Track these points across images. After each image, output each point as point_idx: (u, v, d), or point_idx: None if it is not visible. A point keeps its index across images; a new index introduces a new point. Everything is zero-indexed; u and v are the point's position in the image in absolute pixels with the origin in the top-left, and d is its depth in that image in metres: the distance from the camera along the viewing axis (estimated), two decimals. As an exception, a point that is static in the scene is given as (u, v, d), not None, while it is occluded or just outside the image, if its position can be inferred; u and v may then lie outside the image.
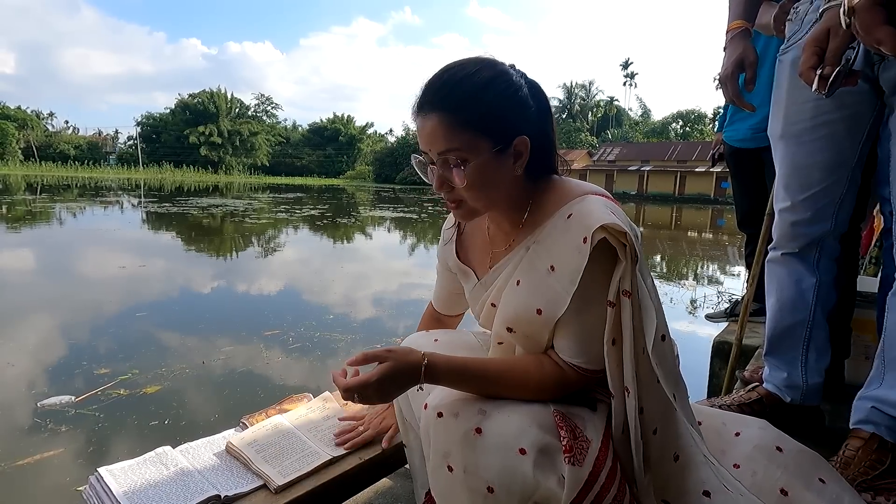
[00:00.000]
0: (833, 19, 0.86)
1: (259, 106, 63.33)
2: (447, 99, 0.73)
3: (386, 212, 15.26)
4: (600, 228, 0.69)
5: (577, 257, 0.71)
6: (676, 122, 55.73)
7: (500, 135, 0.74)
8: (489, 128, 0.74)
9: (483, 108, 0.73)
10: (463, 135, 0.73)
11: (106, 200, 16.22)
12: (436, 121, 0.73)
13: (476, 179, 0.75)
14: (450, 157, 0.74)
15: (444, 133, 0.73)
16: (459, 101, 0.73)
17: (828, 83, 0.87)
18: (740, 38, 1.18)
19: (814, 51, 0.89)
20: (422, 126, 0.75)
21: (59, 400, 2.42)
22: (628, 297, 0.71)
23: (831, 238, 1.21)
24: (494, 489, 0.68)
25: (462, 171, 0.73)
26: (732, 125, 2.36)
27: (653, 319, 0.71)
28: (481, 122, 0.73)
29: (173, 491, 0.85)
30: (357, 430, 1.05)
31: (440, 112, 0.73)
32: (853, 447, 1.03)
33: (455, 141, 0.73)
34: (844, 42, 0.86)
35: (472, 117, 0.73)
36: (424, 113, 0.74)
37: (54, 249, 6.94)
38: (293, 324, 3.75)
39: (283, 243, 8.40)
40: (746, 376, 1.54)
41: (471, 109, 0.72)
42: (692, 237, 12.03)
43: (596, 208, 0.73)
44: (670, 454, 0.77)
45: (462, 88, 0.73)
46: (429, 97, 0.74)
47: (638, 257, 0.71)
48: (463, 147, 0.73)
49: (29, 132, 53.30)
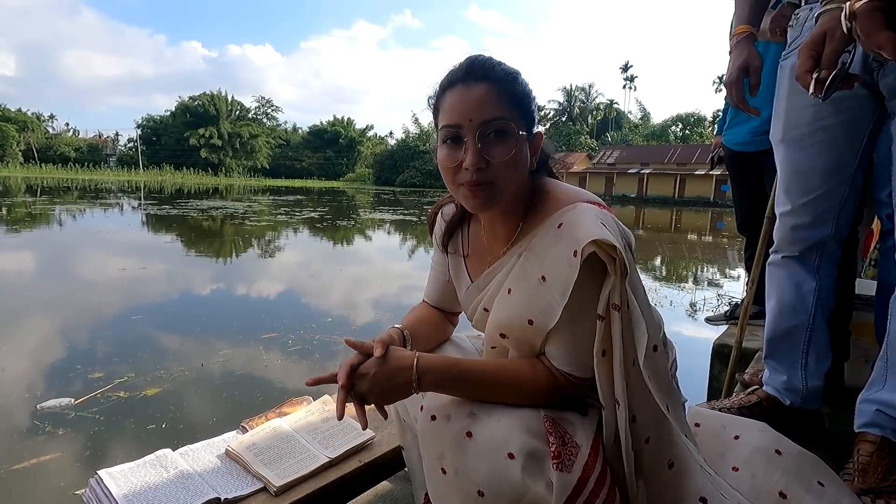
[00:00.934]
0: (829, 23, 0.87)
1: (259, 108, 63.50)
2: (493, 71, 0.75)
3: (386, 214, 15.27)
4: (590, 243, 0.69)
5: (567, 270, 0.71)
6: (676, 124, 55.79)
7: (530, 121, 0.77)
8: (525, 110, 0.77)
9: (521, 89, 0.76)
10: (508, 107, 0.75)
11: (106, 203, 16.23)
12: (486, 88, 0.73)
13: (514, 156, 0.74)
14: (500, 124, 0.73)
15: (495, 100, 0.73)
16: (505, 76, 0.75)
17: (824, 87, 0.87)
18: (745, 43, 1.18)
19: (810, 54, 0.89)
20: (464, 96, 0.74)
21: (59, 402, 2.42)
22: (618, 310, 0.71)
23: (832, 242, 1.22)
24: (484, 493, 0.68)
25: (508, 142, 0.74)
26: (732, 128, 2.36)
27: (644, 332, 0.70)
28: (521, 101, 0.76)
29: (173, 493, 0.85)
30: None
31: (490, 81, 0.74)
32: (866, 452, 1.03)
33: (505, 110, 0.74)
34: (841, 46, 0.86)
35: (516, 93, 0.76)
36: (470, 82, 0.74)
37: (53, 252, 6.94)
38: (292, 327, 3.75)
39: (283, 246, 8.40)
40: (746, 379, 1.54)
41: (514, 85, 0.76)
42: (692, 240, 12.03)
43: (586, 220, 0.72)
44: (665, 462, 0.77)
45: (504, 67, 0.76)
46: (477, 67, 0.75)
47: (628, 272, 0.70)
48: (509, 118, 0.74)
49: (29, 134, 53.39)
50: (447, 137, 0.76)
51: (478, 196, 0.75)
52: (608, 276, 0.71)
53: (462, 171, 0.74)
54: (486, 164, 0.73)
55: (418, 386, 0.74)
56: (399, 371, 0.74)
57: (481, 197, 0.75)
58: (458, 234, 0.95)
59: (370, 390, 0.73)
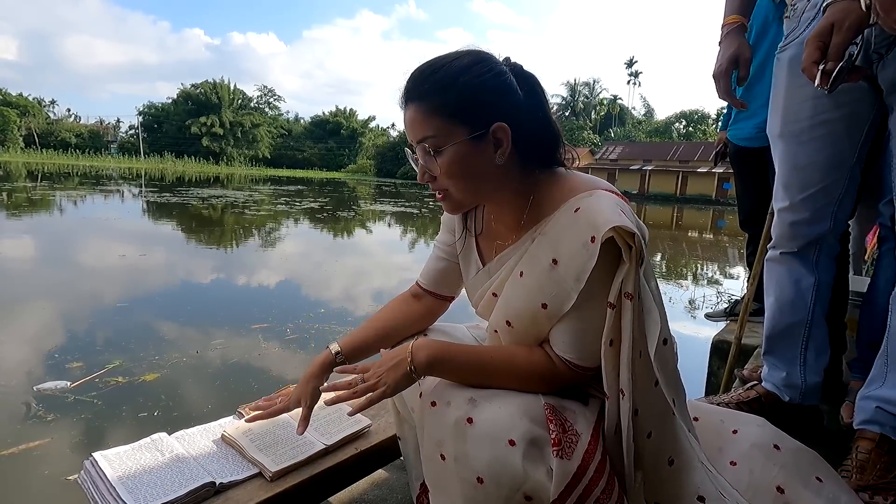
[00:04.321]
0: (837, 14, 0.85)
1: (261, 98, 63.15)
2: (422, 88, 0.74)
3: (387, 206, 15.24)
4: (610, 230, 0.68)
5: (583, 255, 0.70)
6: (679, 121, 55.60)
7: (475, 121, 0.73)
8: (463, 113, 0.73)
9: (456, 94, 0.73)
10: (435, 121, 0.73)
11: (106, 189, 16.19)
12: (413, 110, 0.75)
13: (453, 167, 0.75)
14: (425, 144, 0.75)
15: (420, 121, 0.74)
16: (433, 89, 0.73)
17: (830, 78, 0.86)
18: (735, 34, 1.16)
19: (817, 45, 0.88)
20: (404, 118, 0.77)
21: (56, 384, 2.42)
22: (630, 299, 0.69)
23: (831, 237, 1.20)
24: (484, 479, 0.68)
25: (437, 158, 0.74)
26: (737, 124, 2.34)
27: (657, 322, 0.69)
28: (455, 107, 0.73)
29: (168, 477, 0.85)
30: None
31: (416, 101, 0.75)
32: (864, 449, 1.02)
33: (429, 128, 0.74)
34: (848, 37, 0.85)
35: (445, 103, 0.73)
36: (404, 105, 0.76)
37: (52, 237, 6.93)
38: (292, 316, 3.75)
39: (283, 236, 8.39)
40: (745, 375, 1.54)
41: (444, 95, 0.73)
42: (693, 237, 12.01)
43: (606, 206, 0.71)
44: (665, 458, 0.76)
45: (437, 77, 0.74)
46: (407, 88, 0.76)
47: (643, 259, 0.70)
48: (436, 134, 0.74)
49: (30, 119, 53.17)
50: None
51: (444, 203, 0.80)
52: (622, 264, 0.70)
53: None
54: (433, 178, 0.77)
55: (413, 365, 0.75)
56: (396, 354, 0.78)
57: (445, 204, 0.81)
58: (472, 215, 0.93)
59: (381, 382, 0.77)
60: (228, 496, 0.85)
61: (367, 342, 0.96)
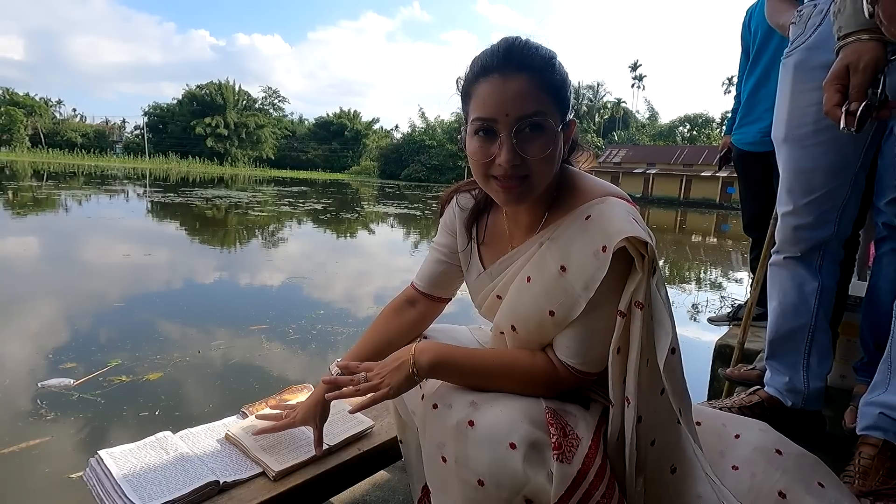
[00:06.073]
0: (851, 56, 0.85)
1: (266, 99, 63.53)
2: (533, 59, 0.69)
3: (390, 208, 15.25)
4: (622, 240, 0.67)
5: (593, 264, 0.69)
6: (683, 125, 55.50)
7: (565, 110, 0.72)
8: (561, 99, 0.71)
9: (559, 76, 0.71)
10: (546, 98, 0.70)
11: (111, 189, 16.26)
12: (524, 80, 0.68)
13: (551, 150, 0.70)
14: (537, 120, 0.68)
15: (533, 93, 0.68)
16: (545, 64, 0.70)
17: (856, 118, 0.85)
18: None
19: (836, 88, 0.87)
20: (501, 88, 0.68)
21: (60, 381, 2.44)
22: (640, 308, 0.69)
23: (835, 242, 1.20)
24: (484, 482, 0.68)
25: (545, 137, 0.69)
26: (741, 128, 2.34)
27: (667, 333, 0.69)
28: (558, 89, 0.71)
29: (173, 475, 0.85)
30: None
31: (529, 72, 0.68)
32: (867, 455, 1.02)
33: (543, 104, 0.69)
34: (867, 77, 0.84)
35: (553, 82, 0.70)
36: (507, 73, 0.68)
37: (57, 236, 6.96)
38: (294, 316, 3.76)
39: (286, 237, 8.40)
40: (728, 374, 1.54)
41: (552, 74, 0.70)
42: (696, 241, 11.98)
43: (617, 214, 0.70)
44: (667, 465, 0.76)
45: (542, 52, 0.70)
46: (515, 56, 0.68)
47: (655, 269, 0.69)
48: (547, 111, 0.69)
49: (37, 119, 53.56)
50: (479, 130, 0.71)
51: (511, 191, 0.72)
52: (634, 273, 0.69)
53: (494, 165, 0.71)
54: (521, 161, 0.69)
55: (415, 368, 0.76)
56: (399, 356, 0.79)
57: (515, 192, 0.72)
58: (477, 222, 0.92)
59: (384, 382, 0.77)
60: (232, 495, 0.85)
61: (368, 360, 0.93)
